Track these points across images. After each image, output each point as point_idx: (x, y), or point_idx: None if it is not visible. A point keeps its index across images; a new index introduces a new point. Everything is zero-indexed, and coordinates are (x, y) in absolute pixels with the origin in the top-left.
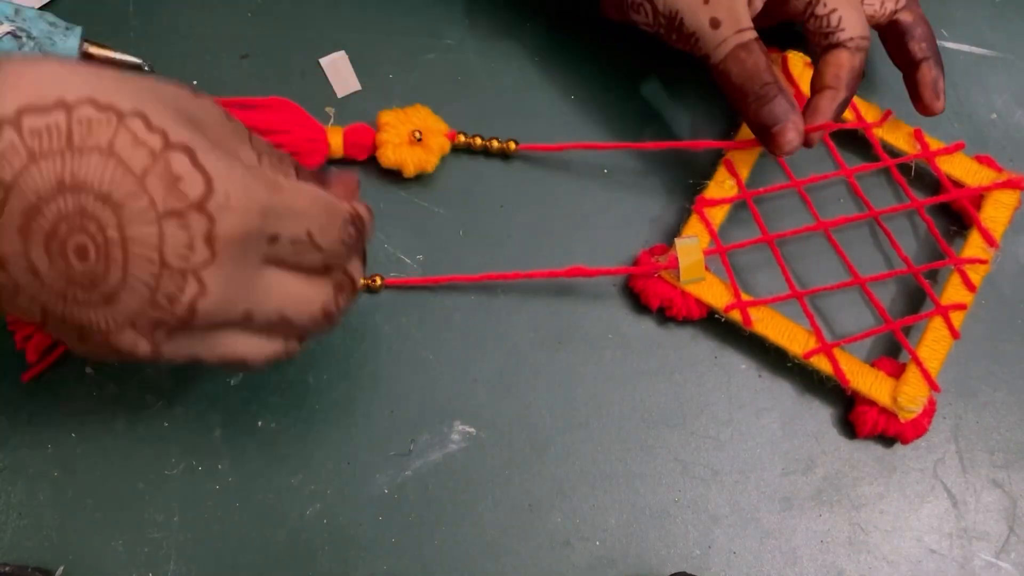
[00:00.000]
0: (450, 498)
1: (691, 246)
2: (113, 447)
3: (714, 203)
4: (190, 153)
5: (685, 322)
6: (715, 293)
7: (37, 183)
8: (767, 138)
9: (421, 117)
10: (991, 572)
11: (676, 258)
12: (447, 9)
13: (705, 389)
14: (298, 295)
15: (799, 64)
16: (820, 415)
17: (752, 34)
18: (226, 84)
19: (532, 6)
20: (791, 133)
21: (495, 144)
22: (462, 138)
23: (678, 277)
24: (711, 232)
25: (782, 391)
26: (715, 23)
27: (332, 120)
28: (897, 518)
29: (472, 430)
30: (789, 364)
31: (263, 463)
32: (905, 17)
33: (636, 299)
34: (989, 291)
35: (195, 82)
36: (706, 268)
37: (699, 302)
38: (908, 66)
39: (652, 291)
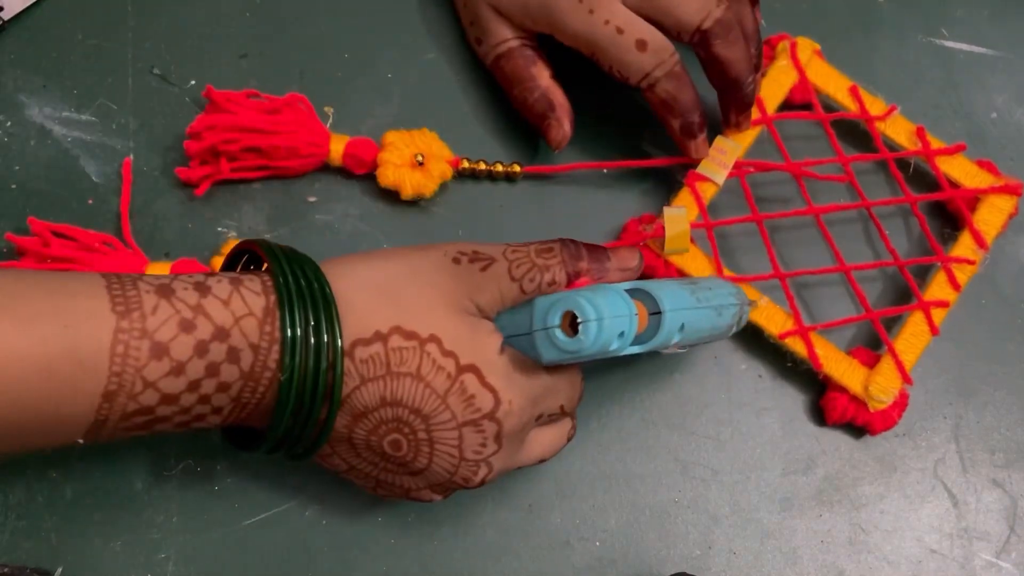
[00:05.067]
0: (450, 498)
1: (678, 216)
2: (112, 447)
3: (706, 178)
4: (477, 373)
5: None
6: (697, 266)
7: (365, 399)
8: (541, 133)
9: (426, 141)
10: (992, 572)
11: (663, 227)
12: (445, 8)
13: (705, 389)
14: (550, 440)
15: (807, 51)
16: (820, 415)
17: (512, 44)
18: (225, 84)
19: None
20: (554, 130)
21: (499, 168)
22: (465, 163)
23: (663, 247)
24: (700, 206)
25: (782, 391)
26: (478, 41)
27: (331, 120)
28: (898, 518)
29: None
30: (789, 364)
31: (262, 463)
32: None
33: None
34: (989, 291)
35: (193, 82)
36: (692, 241)
37: (681, 273)
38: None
39: None
